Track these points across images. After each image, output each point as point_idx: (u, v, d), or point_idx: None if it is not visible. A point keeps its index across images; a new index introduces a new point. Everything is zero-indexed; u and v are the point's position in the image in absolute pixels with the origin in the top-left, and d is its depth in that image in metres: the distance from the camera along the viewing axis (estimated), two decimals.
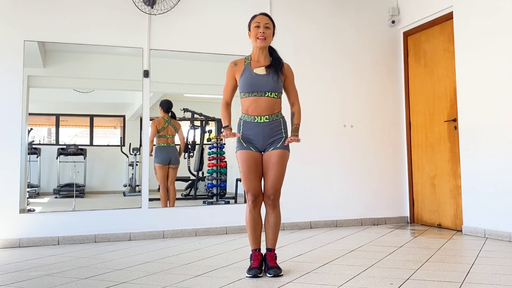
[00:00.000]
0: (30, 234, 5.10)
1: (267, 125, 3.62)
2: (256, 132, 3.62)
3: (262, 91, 3.61)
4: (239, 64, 3.75)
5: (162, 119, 6.15)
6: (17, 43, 5.21)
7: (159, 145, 6.13)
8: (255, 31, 3.68)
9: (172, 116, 6.27)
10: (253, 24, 3.71)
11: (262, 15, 3.74)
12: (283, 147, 3.63)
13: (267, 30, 3.68)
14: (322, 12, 6.51)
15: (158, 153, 6.13)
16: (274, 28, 3.78)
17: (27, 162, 5.44)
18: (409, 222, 6.59)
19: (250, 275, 3.52)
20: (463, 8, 5.65)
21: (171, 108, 6.21)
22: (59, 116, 6.05)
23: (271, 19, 3.76)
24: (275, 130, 3.64)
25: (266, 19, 3.72)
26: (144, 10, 5.58)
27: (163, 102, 6.17)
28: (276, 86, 3.64)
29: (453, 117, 5.83)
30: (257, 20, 3.71)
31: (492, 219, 5.22)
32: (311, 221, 6.18)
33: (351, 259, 4.15)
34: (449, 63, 5.94)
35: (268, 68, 3.68)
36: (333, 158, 6.38)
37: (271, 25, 3.74)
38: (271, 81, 3.62)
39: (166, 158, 6.13)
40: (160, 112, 6.14)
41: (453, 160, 5.84)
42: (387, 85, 6.74)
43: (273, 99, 3.63)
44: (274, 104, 3.64)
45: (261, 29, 3.67)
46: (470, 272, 3.56)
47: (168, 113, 6.19)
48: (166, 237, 5.56)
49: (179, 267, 3.91)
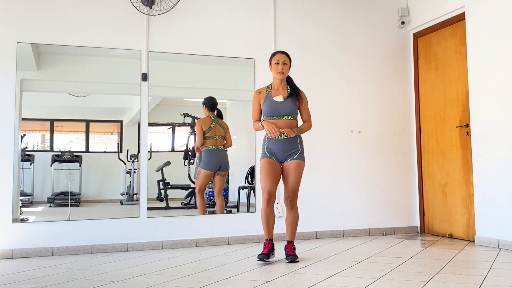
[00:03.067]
0: (23, 245, 5.11)
1: (286, 141, 4.64)
2: (277, 146, 4.64)
3: (280, 115, 4.66)
4: (262, 92, 4.81)
5: (208, 118, 6.15)
6: (10, 44, 5.24)
7: (207, 148, 6.13)
8: (275, 67, 4.70)
9: (219, 114, 6.26)
10: (273, 61, 4.73)
11: (280, 53, 4.74)
12: (299, 158, 4.67)
13: (284, 66, 4.70)
14: (328, 12, 6.53)
15: (206, 157, 6.13)
16: (291, 62, 4.78)
17: (20, 170, 5.46)
18: (419, 232, 6.59)
19: (258, 259, 4.54)
20: (476, 8, 5.66)
21: (216, 105, 6.21)
22: (53, 121, 6.06)
23: (288, 55, 4.75)
24: (293, 145, 4.67)
25: (284, 56, 4.72)
26: (142, 11, 5.60)
27: (206, 100, 6.19)
28: (293, 110, 4.68)
29: (465, 122, 5.84)
30: (276, 58, 4.71)
31: (506, 229, 5.22)
32: (317, 231, 6.19)
33: (359, 270, 4.15)
34: (461, 66, 5.95)
35: (287, 96, 4.71)
36: (339, 165, 6.39)
37: (288, 60, 4.74)
38: (287, 107, 4.66)
39: (216, 164, 6.13)
40: (204, 111, 6.15)
41: (465, 167, 5.84)
42: (396, 89, 6.75)
43: (290, 121, 4.68)
44: (290, 125, 4.66)
45: (280, 66, 4.67)
46: (483, 285, 3.56)
47: (213, 111, 6.19)
48: (165, 247, 5.57)
49: (179, 279, 3.92)
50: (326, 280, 3.79)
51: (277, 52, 4.79)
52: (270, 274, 4.06)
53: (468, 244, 5.59)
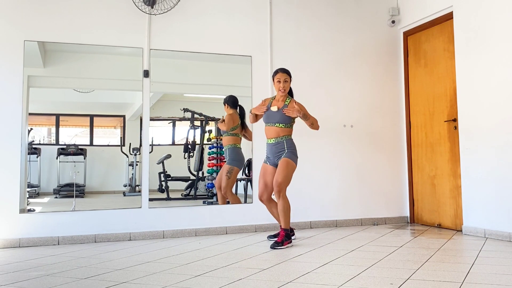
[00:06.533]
0: (30, 234, 5.10)
1: (273, 145, 5.04)
2: (269, 150, 5.09)
3: (272, 122, 5.04)
4: (266, 102, 5.18)
5: (236, 115, 6.13)
6: (17, 43, 5.22)
7: (235, 146, 6.11)
8: (277, 85, 5.07)
9: (241, 113, 6.19)
10: (275, 79, 5.09)
11: (281, 73, 5.08)
12: (286, 156, 4.96)
13: (285, 84, 5.07)
14: (322, 12, 6.51)
15: (239, 155, 6.12)
16: (291, 77, 5.14)
17: (27, 162, 5.45)
18: (409, 222, 6.60)
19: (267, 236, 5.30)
20: (463, 8, 5.65)
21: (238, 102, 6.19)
22: (59, 116, 6.05)
23: (288, 73, 5.12)
24: (280, 148, 5.01)
25: (285, 75, 5.08)
26: (144, 10, 5.58)
27: (228, 98, 6.16)
28: (283, 119, 5.00)
29: (453, 117, 5.84)
30: (278, 77, 5.07)
31: (492, 219, 5.23)
32: (311, 221, 6.19)
33: (351, 259, 4.16)
34: (449, 63, 5.95)
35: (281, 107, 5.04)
36: (333, 158, 6.39)
37: (289, 78, 5.10)
38: (278, 116, 5.01)
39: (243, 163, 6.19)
40: (227, 109, 6.13)
41: (453, 160, 5.85)
42: (387, 85, 6.74)
43: (279, 128, 5.01)
44: (280, 131, 5.01)
45: (282, 84, 5.04)
46: (470, 272, 3.57)
47: (236, 108, 6.17)
48: (166, 237, 5.56)
49: (179, 267, 3.91)
50: (320, 268, 3.79)
51: (279, 71, 5.09)
52: (266, 262, 4.06)
53: (455, 233, 5.59)
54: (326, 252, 4.50)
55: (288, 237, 4.85)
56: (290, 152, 4.98)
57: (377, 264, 3.90)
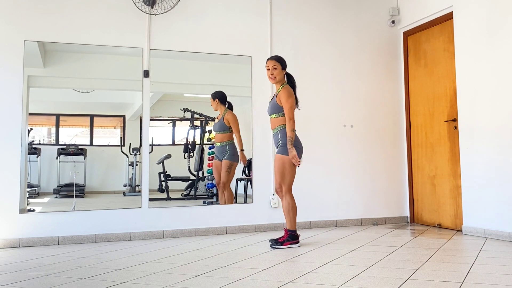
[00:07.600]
0: (30, 234, 5.08)
1: (273, 136, 4.95)
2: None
3: (269, 114, 4.95)
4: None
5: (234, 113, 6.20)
6: (17, 43, 5.21)
7: (232, 142, 6.18)
8: (267, 73, 4.90)
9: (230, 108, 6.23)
10: (266, 68, 4.92)
11: (269, 60, 4.92)
12: (278, 151, 4.83)
13: (275, 71, 4.86)
14: (322, 12, 6.50)
15: (236, 151, 6.18)
16: (282, 63, 4.89)
17: (27, 162, 5.43)
18: (409, 222, 6.58)
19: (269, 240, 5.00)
20: (463, 8, 5.64)
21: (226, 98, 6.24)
22: (59, 116, 6.03)
23: (277, 60, 4.89)
24: (277, 139, 4.88)
25: (273, 62, 4.88)
26: (144, 10, 5.57)
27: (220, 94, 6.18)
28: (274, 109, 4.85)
29: (453, 117, 5.82)
30: (267, 65, 4.91)
31: (492, 219, 5.21)
32: (311, 221, 6.17)
33: (351, 259, 4.14)
34: (449, 63, 5.93)
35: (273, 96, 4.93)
36: (333, 158, 6.37)
37: (278, 64, 4.87)
38: (270, 106, 4.92)
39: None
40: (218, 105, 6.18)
41: (453, 160, 5.83)
42: (387, 85, 6.73)
43: (274, 119, 4.89)
44: (275, 122, 4.88)
45: (270, 71, 4.86)
46: (470, 272, 3.55)
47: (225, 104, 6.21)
48: (166, 237, 5.55)
49: (179, 267, 3.90)
50: (321, 268, 3.77)
51: (268, 58, 4.97)
52: (266, 262, 4.04)
53: (455, 233, 5.58)
54: (326, 252, 4.48)
55: (292, 238, 4.79)
56: (282, 145, 4.79)
57: (377, 264, 3.89)
